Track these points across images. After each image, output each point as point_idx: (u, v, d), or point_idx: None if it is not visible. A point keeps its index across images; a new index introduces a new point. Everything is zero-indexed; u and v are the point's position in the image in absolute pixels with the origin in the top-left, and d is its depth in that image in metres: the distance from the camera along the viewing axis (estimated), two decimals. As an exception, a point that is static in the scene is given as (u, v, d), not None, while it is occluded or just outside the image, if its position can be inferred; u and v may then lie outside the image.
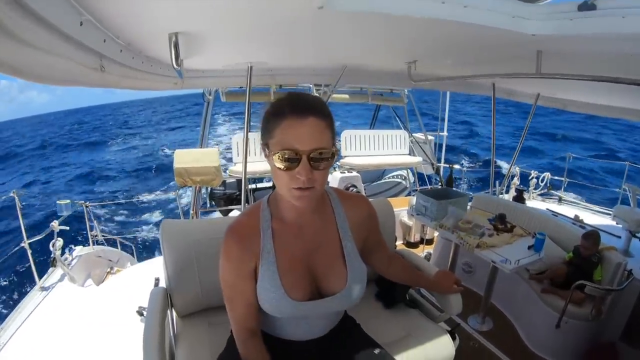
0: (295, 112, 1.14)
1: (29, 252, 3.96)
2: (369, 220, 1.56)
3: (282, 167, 1.14)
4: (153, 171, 23.31)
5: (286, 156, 1.13)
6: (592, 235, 3.30)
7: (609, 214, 5.66)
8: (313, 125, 1.14)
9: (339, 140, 7.00)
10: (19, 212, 4.07)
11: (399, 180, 9.29)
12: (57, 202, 4.61)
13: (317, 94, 5.87)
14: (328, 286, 1.39)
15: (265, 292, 1.32)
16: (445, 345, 2.05)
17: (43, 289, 3.79)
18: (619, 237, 4.55)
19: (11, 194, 4.06)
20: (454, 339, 2.11)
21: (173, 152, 4.65)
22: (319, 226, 1.42)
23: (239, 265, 1.33)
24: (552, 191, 7.05)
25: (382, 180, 9.55)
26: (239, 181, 6.39)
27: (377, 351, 1.60)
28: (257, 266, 1.33)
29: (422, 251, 5.37)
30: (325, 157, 1.16)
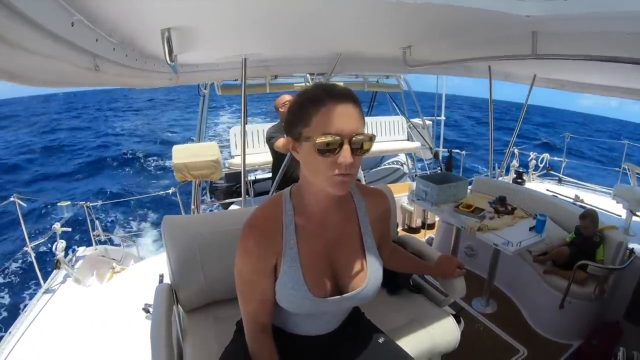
0: (334, 97, 1.13)
1: (33, 255, 3.97)
2: (385, 217, 1.55)
3: (324, 152, 1.11)
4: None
5: (329, 140, 1.09)
6: (589, 214, 3.31)
7: (609, 193, 5.67)
8: (352, 110, 1.14)
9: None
10: (20, 217, 4.07)
11: (398, 166, 9.29)
12: (58, 204, 4.61)
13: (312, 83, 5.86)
14: (350, 283, 1.37)
15: (287, 290, 1.29)
16: (450, 329, 2.06)
17: (48, 291, 3.80)
18: (620, 216, 4.56)
19: (12, 199, 4.06)
20: (458, 322, 2.12)
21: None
22: (341, 220, 1.39)
23: (258, 262, 1.28)
24: (552, 172, 7.05)
25: (381, 167, 9.55)
26: (237, 174, 6.39)
27: (381, 340, 1.61)
28: (277, 263, 1.30)
29: (424, 236, 5.38)
30: (364, 142, 1.14)
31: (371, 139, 1.16)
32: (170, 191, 5.64)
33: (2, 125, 40.57)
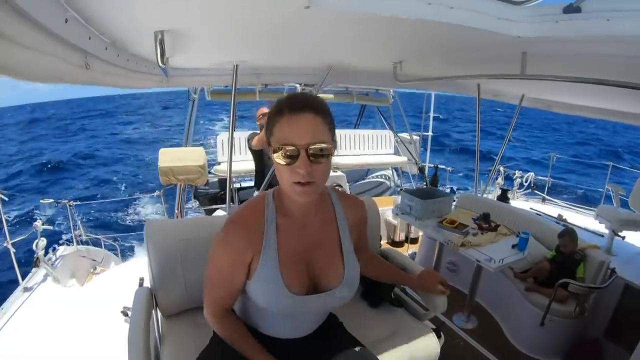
0: (292, 108, 1.20)
1: (12, 252, 3.90)
2: (362, 223, 1.63)
3: (283, 162, 1.19)
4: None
5: (285, 151, 1.18)
6: (567, 232, 3.36)
7: (592, 213, 5.75)
8: (310, 120, 1.20)
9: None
10: (0, 212, 4.01)
11: (383, 180, 9.34)
12: (41, 201, 4.55)
13: None
14: (327, 281, 1.42)
15: (263, 284, 1.34)
16: (430, 343, 2.06)
17: (26, 289, 3.73)
18: (602, 235, 4.62)
19: None
20: (439, 337, 2.12)
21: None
22: (320, 223, 1.46)
23: (236, 254, 1.34)
24: (536, 191, 7.13)
25: (366, 180, 9.59)
26: (222, 180, 6.37)
27: (358, 349, 1.60)
28: (253, 259, 1.34)
29: (407, 250, 5.40)
30: (324, 152, 1.20)
31: (332, 150, 1.24)
32: (155, 194, 5.59)
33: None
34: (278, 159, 1.20)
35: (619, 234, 4.25)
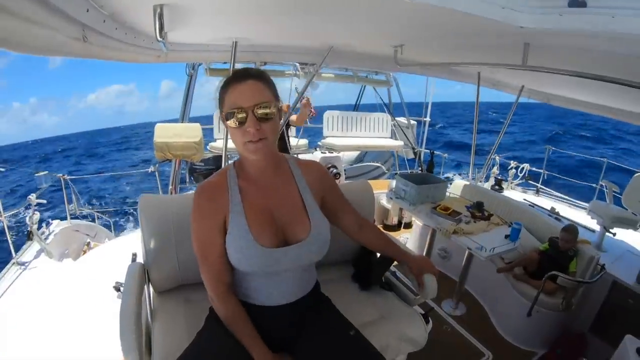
0: (236, 77, 1.38)
1: (5, 225, 3.89)
2: (324, 180, 1.73)
3: (234, 125, 1.35)
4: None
5: (235, 114, 1.33)
6: (573, 229, 3.36)
7: (585, 208, 5.77)
8: (252, 85, 1.35)
9: (321, 123, 6.99)
10: None
11: (378, 164, 9.34)
12: (35, 174, 4.52)
13: (302, 73, 5.83)
14: (294, 234, 1.50)
15: (234, 241, 1.43)
16: (418, 328, 2.08)
17: (19, 263, 3.73)
18: (593, 231, 4.65)
19: None
20: (427, 322, 2.14)
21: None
22: (280, 184, 1.57)
23: (209, 219, 1.46)
24: (531, 182, 7.13)
25: (362, 164, 9.59)
26: (217, 157, 6.35)
27: (352, 332, 1.62)
28: (226, 220, 1.46)
29: (399, 235, 5.42)
30: (269, 111, 1.35)
31: (277, 110, 1.41)
32: (149, 170, 5.56)
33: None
34: (231, 124, 1.36)
35: (610, 230, 4.27)
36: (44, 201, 4.16)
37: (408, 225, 5.81)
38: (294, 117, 5.02)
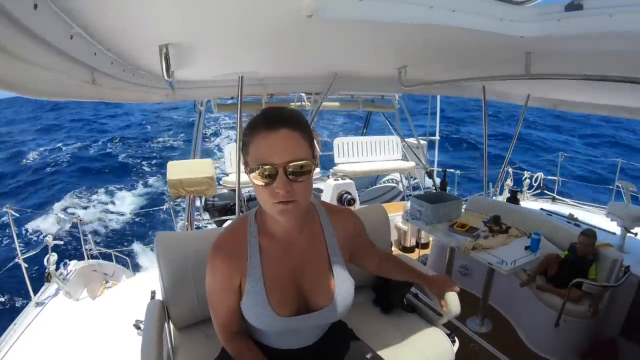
0: (267, 124, 1.14)
1: (24, 267, 3.92)
2: (356, 231, 1.58)
3: (261, 183, 1.14)
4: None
5: (263, 171, 1.12)
6: (592, 233, 3.31)
7: (603, 211, 5.69)
8: (286, 136, 1.13)
9: (331, 150, 7.01)
10: (12, 227, 4.04)
11: (393, 184, 9.30)
12: (56, 215, 4.56)
13: (307, 103, 5.88)
14: (316, 301, 1.39)
15: (251, 309, 1.33)
16: (444, 348, 2.04)
17: (38, 304, 3.76)
18: (614, 233, 4.57)
19: (5, 209, 4.02)
20: (453, 342, 2.10)
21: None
22: (307, 242, 1.41)
23: (223, 280, 1.34)
24: (546, 191, 7.07)
25: (376, 186, 9.55)
26: (231, 192, 6.38)
27: (369, 355, 1.59)
28: (242, 282, 1.34)
29: (417, 255, 5.37)
30: (304, 169, 1.15)
31: (313, 166, 1.18)
32: (164, 207, 5.60)
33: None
34: (256, 179, 1.15)
35: (631, 230, 4.20)
36: (61, 242, 4.19)
37: (426, 246, 5.75)
38: None
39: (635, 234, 4.23)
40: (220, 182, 5.97)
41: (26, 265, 3.94)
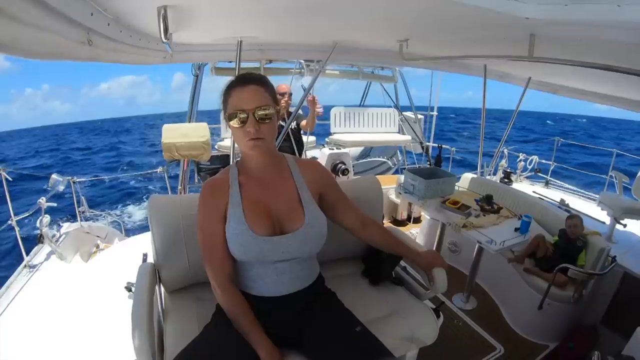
0: (240, 82, 1.53)
1: (17, 229, 3.91)
2: (322, 178, 1.84)
3: (237, 125, 1.49)
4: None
5: (238, 115, 1.48)
6: (577, 215, 3.36)
7: (595, 200, 5.73)
8: (254, 90, 1.51)
9: (328, 119, 6.96)
10: (5, 189, 4.00)
11: (384, 159, 9.32)
12: (50, 177, 4.51)
13: (307, 70, 5.81)
14: (289, 225, 1.62)
15: (232, 230, 1.56)
16: (429, 322, 2.07)
17: (30, 266, 3.76)
18: (604, 223, 4.61)
19: None
20: (438, 317, 2.13)
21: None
22: (278, 180, 1.71)
23: (212, 210, 1.62)
24: (540, 174, 7.09)
25: (370, 159, 9.56)
26: (224, 156, 6.36)
27: (358, 328, 1.63)
28: (226, 212, 1.60)
29: (409, 230, 5.41)
30: (267, 113, 1.50)
31: (275, 112, 1.55)
32: (158, 171, 5.58)
33: None
34: (233, 123, 1.50)
35: (621, 221, 4.24)
36: (54, 204, 4.18)
37: (417, 220, 5.80)
38: (303, 123, 5.02)
39: (624, 226, 4.26)
40: (216, 146, 5.94)
41: (18, 228, 3.93)
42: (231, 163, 3.51)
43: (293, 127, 4.86)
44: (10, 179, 4.01)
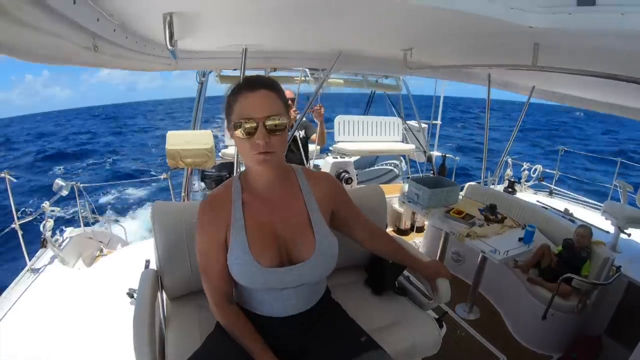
0: (248, 86, 1.33)
1: (20, 233, 3.92)
2: (335, 194, 1.68)
3: (242, 135, 1.31)
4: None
5: (245, 125, 1.29)
6: (588, 227, 3.34)
7: (599, 209, 5.70)
8: (264, 96, 1.32)
9: (332, 127, 6.96)
10: (9, 193, 4.01)
11: (391, 167, 9.28)
12: (54, 181, 4.52)
13: (312, 79, 5.83)
14: (298, 253, 1.47)
15: (234, 258, 1.41)
16: (432, 333, 2.06)
17: (33, 270, 3.76)
18: (608, 232, 4.59)
19: (2, 175, 3.99)
20: (441, 327, 2.12)
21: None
22: (286, 198, 1.53)
23: (211, 233, 1.45)
24: (544, 183, 7.07)
25: (375, 167, 9.54)
26: (230, 163, 6.38)
27: (363, 339, 1.60)
28: (227, 235, 1.44)
29: (412, 239, 5.39)
30: (279, 123, 1.31)
31: (287, 122, 1.35)
32: (162, 177, 5.59)
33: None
34: (239, 133, 1.31)
35: (625, 231, 4.21)
36: (58, 208, 4.19)
37: (420, 229, 5.77)
38: (314, 137, 4.89)
39: (629, 235, 4.24)
40: (219, 154, 5.95)
41: (22, 232, 3.93)
42: (235, 171, 3.52)
43: (301, 136, 4.82)
44: (14, 180, 4.02)
